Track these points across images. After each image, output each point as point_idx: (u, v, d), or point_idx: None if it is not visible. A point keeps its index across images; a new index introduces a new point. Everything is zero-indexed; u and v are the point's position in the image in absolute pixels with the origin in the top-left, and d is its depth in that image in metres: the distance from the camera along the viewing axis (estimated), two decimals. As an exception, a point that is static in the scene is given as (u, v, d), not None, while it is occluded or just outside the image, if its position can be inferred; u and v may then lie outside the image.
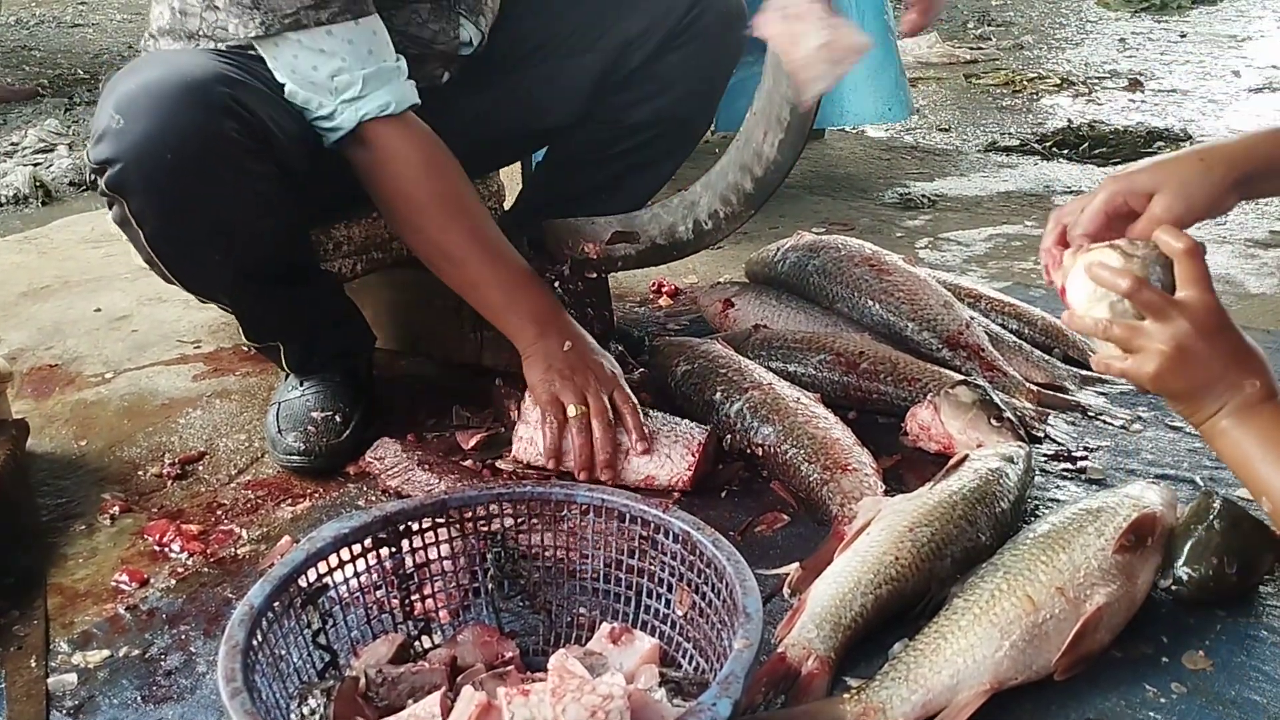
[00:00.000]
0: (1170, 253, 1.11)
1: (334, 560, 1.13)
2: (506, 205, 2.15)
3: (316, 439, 1.67)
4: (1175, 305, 1.10)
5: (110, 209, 1.51)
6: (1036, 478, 1.53)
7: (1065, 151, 3.50)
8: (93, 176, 1.49)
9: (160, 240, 1.51)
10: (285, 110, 1.54)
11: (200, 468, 1.72)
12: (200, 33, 1.60)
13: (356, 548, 1.15)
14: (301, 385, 1.74)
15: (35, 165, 3.64)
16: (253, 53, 1.54)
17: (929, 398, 1.66)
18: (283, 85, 1.54)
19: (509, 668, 1.12)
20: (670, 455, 1.55)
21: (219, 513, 1.59)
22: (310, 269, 1.76)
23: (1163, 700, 1.15)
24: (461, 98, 1.82)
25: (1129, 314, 1.12)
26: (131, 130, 1.40)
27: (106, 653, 1.30)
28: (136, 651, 1.30)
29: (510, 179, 2.18)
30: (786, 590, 1.33)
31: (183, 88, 1.42)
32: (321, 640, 1.11)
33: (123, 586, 1.42)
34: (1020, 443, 1.53)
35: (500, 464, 1.63)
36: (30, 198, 3.42)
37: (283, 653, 1.05)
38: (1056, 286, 1.22)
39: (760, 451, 1.60)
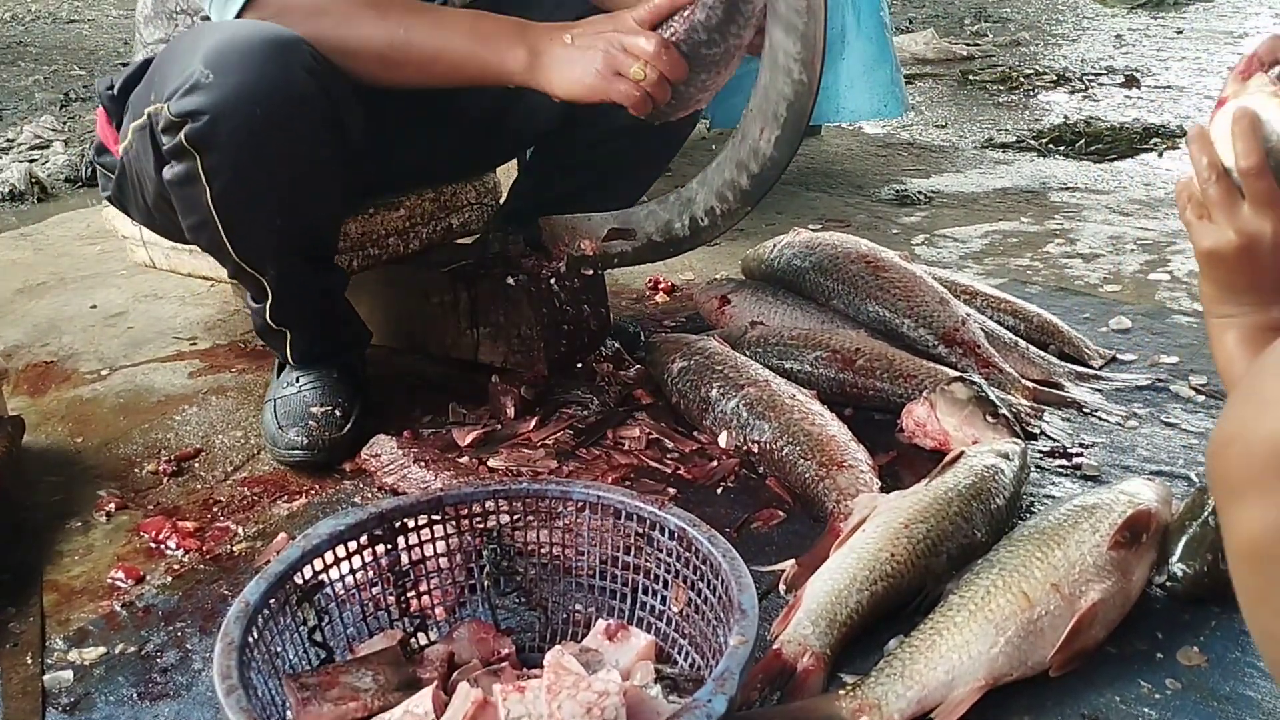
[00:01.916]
0: None
1: (330, 557, 1.13)
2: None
3: (319, 434, 1.67)
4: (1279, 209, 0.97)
5: (164, 169, 1.48)
6: (1032, 474, 1.53)
7: (1061, 148, 3.50)
8: (162, 134, 1.45)
9: (228, 198, 1.49)
10: (344, 79, 1.53)
11: (196, 464, 1.72)
12: (178, 10, 1.61)
13: (352, 545, 1.15)
14: (298, 381, 1.73)
15: (31, 162, 3.64)
16: None
17: (925, 394, 1.66)
18: None
19: (504, 664, 1.13)
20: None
21: (215, 509, 1.59)
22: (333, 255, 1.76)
23: (1157, 696, 1.15)
24: (445, 96, 1.81)
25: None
26: (223, 84, 1.40)
27: (102, 650, 1.30)
28: (132, 648, 1.30)
29: (508, 177, 2.18)
30: (782, 587, 1.33)
31: (271, 44, 1.43)
32: (317, 637, 1.11)
33: (119, 583, 1.42)
34: (1016, 439, 1.54)
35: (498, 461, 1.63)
36: (26, 194, 3.41)
37: (278, 650, 1.05)
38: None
39: (756, 448, 1.60)
